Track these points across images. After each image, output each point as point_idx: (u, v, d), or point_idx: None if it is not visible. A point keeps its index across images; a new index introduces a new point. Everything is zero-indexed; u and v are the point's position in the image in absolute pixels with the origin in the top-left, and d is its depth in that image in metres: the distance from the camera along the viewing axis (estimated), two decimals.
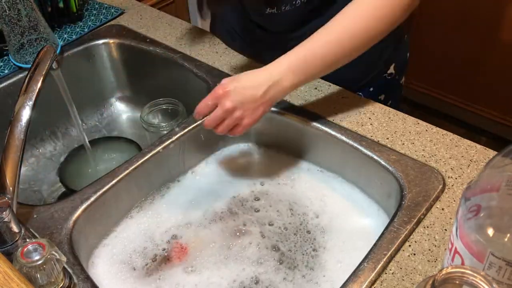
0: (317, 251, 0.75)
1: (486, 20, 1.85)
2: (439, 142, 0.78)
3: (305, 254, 0.74)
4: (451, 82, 2.09)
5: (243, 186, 0.86)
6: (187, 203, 0.83)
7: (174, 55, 1.00)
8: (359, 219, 0.79)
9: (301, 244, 0.76)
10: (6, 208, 0.61)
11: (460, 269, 0.42)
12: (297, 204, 0.82)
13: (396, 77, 1.02)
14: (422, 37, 2.05)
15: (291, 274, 0.72)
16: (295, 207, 0.82)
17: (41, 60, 0.72)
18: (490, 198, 0.47)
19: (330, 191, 0.83)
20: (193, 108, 0.88)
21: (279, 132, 0.88)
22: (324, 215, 0.80)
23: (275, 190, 0.85)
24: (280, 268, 0.73)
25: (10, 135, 0.66)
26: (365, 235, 0.76)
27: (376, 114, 0.84)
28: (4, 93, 0.95)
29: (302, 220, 0.79)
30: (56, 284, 0.59)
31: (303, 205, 0.82)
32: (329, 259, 0.73)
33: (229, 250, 0.76)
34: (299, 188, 0.84)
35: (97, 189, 0.74)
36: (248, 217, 0.81)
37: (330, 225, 0.78)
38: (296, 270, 0.73)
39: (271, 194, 0.84)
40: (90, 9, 1.14)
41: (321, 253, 0.74)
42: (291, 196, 0.83)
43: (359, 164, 0.79)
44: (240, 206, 0.82)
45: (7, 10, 0.86)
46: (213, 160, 0.90)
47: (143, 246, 0.77)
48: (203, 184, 0.86)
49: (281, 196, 0.84)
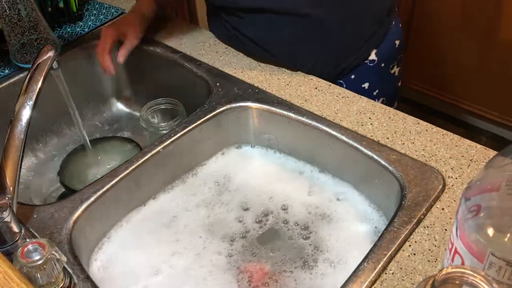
0: (317, 251, 0.75)
1: (486, 20, 1.85)
2: (439, 142, 0.78)
3: (305, 254, 0.74)
4: (451, 82, 2.09)
5: (241, 186, 0.86)
6: (185, 204, 0.83)
7: (174, 55, 1.00)
8: (359, 219, 0.79)
9: (300, 244, 0.76)
10: (6, 208, 0.61)
11: (460, 269, 0.42)
12: (297, 204, 0.82)
13: (381, 65, 1.00)
14: (422, 37, 2.05)
15: (291, 274, 0.72)
16: (295, 207, 0.82)
17: (41, 60, 0.72)
18: (490, 198, 0.47)
19: (330, 191, 0.83)
20: (193, 108, 0.89)
21: (278, 132, 0.88)
22: (324, 215, 0.80)
23: (275, 190, 0.85)
24: (280, 268, 0.73)
25: (10, 135, 0.66)
26: (365, 235, 0.76)
27: (376, 114, 0.84)
28: (4, 93, 0.95)
29: (301, 220, 0.79)
30: (56, 284, 0.59)
31: (302, 205, 0.82)
32: (329, 259, 0.73)
33: (230, 251, 0.75)
34: (298, 188, 0.84)
35: (97, 189, 0.74)
36: (244, 214, 0.81)
37: (330, 225, 0.78)
38: (296, 270, 0.73)
39: (267, 193, 0.84)
40: (90, 9, 1.14)
41: (321, 253, 0.74)
42: (290, 196, 0.83)
43: (359, 164, 0.79)
44: (240, 205, 0.82)
45: (7, 10, 0.86)
46: (213, 162, 0.90)
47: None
48: (206, 183, 0.86)
49: (280, 196, 0.83)
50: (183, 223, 0.80)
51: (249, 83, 0.92)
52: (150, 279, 0.73)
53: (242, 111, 0.88)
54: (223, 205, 0.83)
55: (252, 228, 0.79)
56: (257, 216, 0.81)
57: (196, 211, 0.82)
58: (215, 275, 0.72)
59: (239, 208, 0.82)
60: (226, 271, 0.73)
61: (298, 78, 0.92)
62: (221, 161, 0.90)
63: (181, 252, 0.76)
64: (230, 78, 0.93)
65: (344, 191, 0.82)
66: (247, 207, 0.82)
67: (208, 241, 0.77)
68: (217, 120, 0.87)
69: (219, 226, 0.79)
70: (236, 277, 0.72)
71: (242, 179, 0.87)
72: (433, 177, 0.72)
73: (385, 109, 0.85)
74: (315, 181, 0.85)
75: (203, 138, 0.86)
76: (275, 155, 0.90)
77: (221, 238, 0.78)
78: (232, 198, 0.84)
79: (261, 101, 0.88)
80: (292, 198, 0.83)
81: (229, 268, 0.73)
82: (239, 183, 0.86)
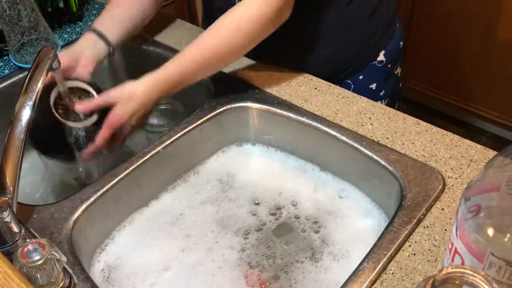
0: (317, 250, 0.75)
1: (486, 20, 1.85)
2: (439, 142, 0.78)
3: (305, 254, 0.74)
4: (451, 82, 2.09)
5: (246, 183, 0.86)
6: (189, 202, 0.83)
7: (174, 55, 1.00)
8: (359, 219, 0.79)
9: (301, 244, 0.76)
10: (6, 208, 0.61)
11: (460, 269, 0.42)
12: (296, 203, 0.82)
13: (388, 66, 1.02)
14: (422, 37, 2.05)
15: (301, 264, 0.72)
16: (303, 202, 0.82)
17: (41, 60, 0.72)
18: (490, 198, 0.47)
19: (330, 191, 0.83)
20: (193, 108, 0.89)
21: (278, 132, 0.88)
22: (324, 215, 0.80)
23: (274, 190, 0.85)
24: (280, 268, 0.73)
25: (10, 135, 0.66)
26: (365, 235, 0.76)
27: (376, 114, 0.84)
28: (4, 93, 0.95)
29: (301, 220, 0.79)
30: (56, 284, 0.59)
31: (302, 204, 0.82)
32: (329, 259, 0.73)
33: (244, 245, 0.76)
34: (298, 188, 0.84)
35: (97, 189, 0.74)
36: (256, 208, 0.81)
37: (330, 225, 0.78)
38: (306, 260, 0.73)
39: (269, 194, 0.84)
40: (90, 9, 1.14)
41: (321, 253, 0.74)
42: (290, 196, 0.83)
43: (359, 164, 0.79)
44: (251, 200, 0.83)
45: (7, 10, 0.86)
46: (214, 160, 0.90)
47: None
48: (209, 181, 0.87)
49: (279, 196, 0.84)
50: (192, 219, 0.80)
51: (249, 83, 0.92)
52: (158, 276, 0.72)
53: (242, 111, 0.88)
54: (231, 201, 0.83)
55: (268, 220, 0.79)
56: (270, 209, 0.81)
57: (202, 208, 0.82)
58: (224, 271, 0.72)
59: (250, 203, 0.82)
60: (236, 267, 0.73)
61: (298, 78, 0.92)
62: (222, 159, 0.90)
63: (191, 247, 0.76)
64: (230, 78, 0.93)
65: (346, 189, 0.83)
66: (258, 201, 0.82)
67: (221, 235, 0.77)
68: (217, 120, 0.87)
69: (232, 221, 0.79)
70: (245, 273, 0.72)
71: (245, 176, 0.87)
72: (433, 177, 0.72)
73: (385, 109, 0.85)
74: (317, 180, 0.85)
75: (203, 138, 0.86)
76: (276, 153, 0.90)
77: (234, 232, 0.78)
78: (239, 195, 0.84)
79: (261, 101, 0.88)
80: (299, 195, 0.83)
81: (240, 264, 0.73)
82: (244, 180, 0.86)
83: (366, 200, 0.80)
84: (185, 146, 0.84)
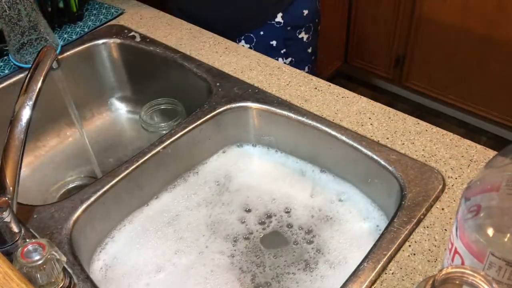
0: (316, 251, 0.75)
1: (486, 20, 1.85)
2: (439, 142, 0.78)
3: (305, 254, 0.74)
4: (451, 82, 2.09)
5: (241, 187, 0.86)
6: (186, 203, 0.83)
7: (174, 55, 1.00)
8: (359, 219, 0.79)
9: (304, 248, 0.76)
10: (6, 208, 0.61)
11: (460, 269, 0.42)
12: (296, 204, 0.82)
13: (287, 28, 1.15)
14: (422, 38, 2.05)
15: (294, 275, 0.72)
16: (294, 207, 0.82)
17: (41, 60, 0.72)
18: (490, 198, 0.47)
19: (329, 194, 0.83)
20: (193, 108, 0.89)
21: (279, 133, 0.88)
22: (324, 215, 0.80)
23: (277, 191, 0.85)
24: (271, 276, 0.73)
25: (10, 135, 0.66)
26: (365, 235, 0.76)
27: (376, 114, 0.84)
28: (4, 93, 0.95)
29: (293, 230, 0.79)
30: (56, 284, 0.59)
31: (302, 205, 0.82)
32: (329, 259, 0.73)
33: (233, 251, 0.75)
34: (295, 192, 0.84)
35: (97, 189, 0.74)
36: (246, 215, 0.81)
37: (330, 226, 0.78)
38: (299, 272, 0.73)
39: (262, 201, 0.84)
40: (90, 9, 1.14)
41: (321, 253, 0.74)
42: (290, 196, 0.83)
43: (359, 164, 0.79)
44: (242, 206, 0.82)
45: (7, 10, 0.86)
46: (214, 160, 0.90)
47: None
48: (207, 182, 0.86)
49: (283, 197, 0.83)
50: (186, 221, 0.80)
51: (249, 83, 0.92)
52: (152, 277, 0.73)
53: (242, 111, 0.88)
54: (224, 205, 0.83)
55: (255, 229, 0.79)
56: (260, 217, 0.81)
57: (197, 210, 0.82)
58: (217, 275, 0.72)
59: (241, 209, 0.82)
60: (228, 271, 0.73)
61: (298, 78, 0.92)
62: (222, 159, 0.90)
63: (184, 250, 0.76)
64: (230, 78, 0.93)
65: (346, 191, 0.82)
66: (249, 208, 0.82)
67: (211, 240, 0.77)
68: (217, 120, 0.87)
69: (222, 226, 0.79)
70: (238, 277, 0.72)
71: (242, 178, 0.87)
72: (433, 177, 0.72)
73: (385, 109, 0.85)
74: (317, 181, 0.85)
75: (203, 138, 0.86)
76: (276, 154, 0.90)
77: (223, 238, 0.78)
78: (232, 199, 0.84)
79: (261, 101, 0.88)
80: (294, 201, 0.83)
81: (231, 268, 0.73)
82: (240, 183, 0.86)
83: (366, 201, 0.80)
84: (185, 146, 0.84)
